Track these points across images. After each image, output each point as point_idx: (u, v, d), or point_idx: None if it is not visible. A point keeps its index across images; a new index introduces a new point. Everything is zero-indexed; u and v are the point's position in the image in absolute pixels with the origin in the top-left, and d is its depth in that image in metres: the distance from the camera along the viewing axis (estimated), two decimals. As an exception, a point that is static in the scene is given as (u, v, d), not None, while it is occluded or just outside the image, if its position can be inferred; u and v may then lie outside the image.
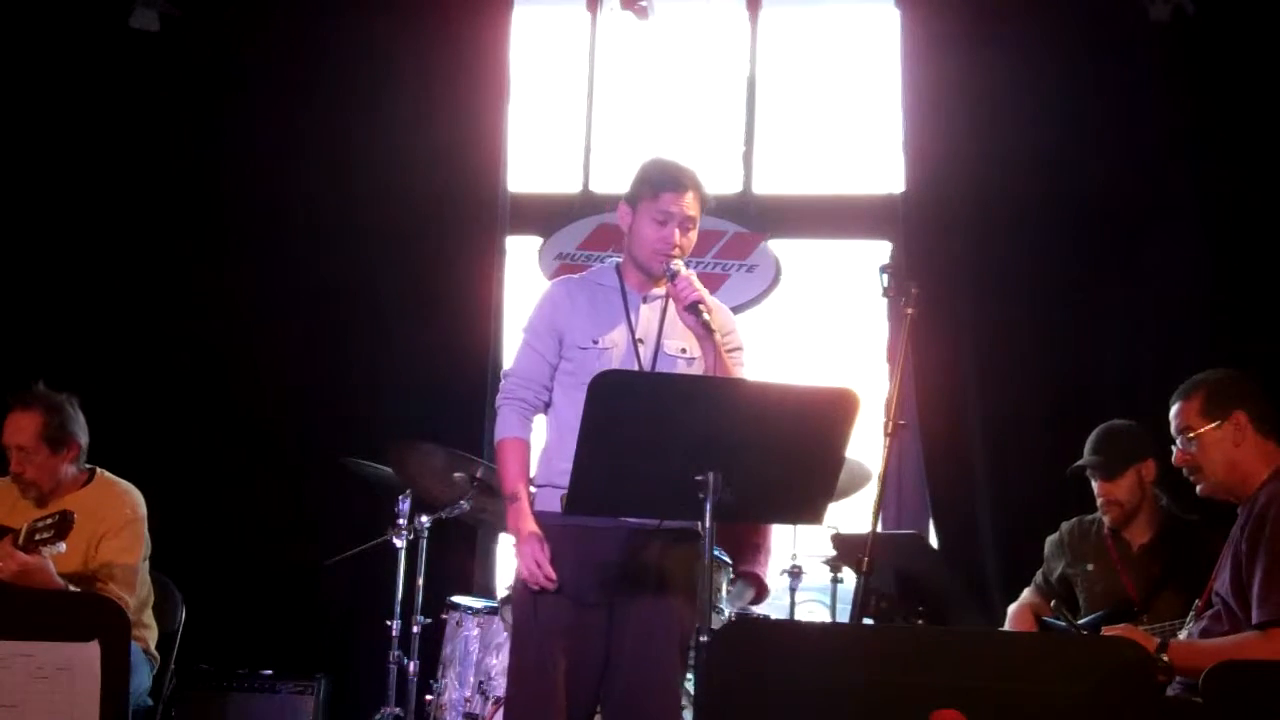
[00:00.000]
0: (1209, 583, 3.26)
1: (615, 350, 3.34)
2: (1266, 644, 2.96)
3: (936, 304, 4.79)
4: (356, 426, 5.27)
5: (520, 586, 3.31)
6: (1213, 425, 3.24)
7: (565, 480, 3.17)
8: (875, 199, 5.64)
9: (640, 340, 3.36)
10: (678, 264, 3.32)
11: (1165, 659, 3.05)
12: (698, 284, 3.29)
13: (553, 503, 3.30)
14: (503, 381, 3.47)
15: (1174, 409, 3.34)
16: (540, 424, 3.50)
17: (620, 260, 3.50)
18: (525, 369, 3.42)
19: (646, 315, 3.40)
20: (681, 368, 3.36)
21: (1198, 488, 3.32)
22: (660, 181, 3.34)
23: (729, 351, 3.36)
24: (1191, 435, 3.27)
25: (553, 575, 3.23)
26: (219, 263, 5.57)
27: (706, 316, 3.26)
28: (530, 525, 3.29)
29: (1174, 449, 3.36)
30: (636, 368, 3.31)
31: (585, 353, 3.33)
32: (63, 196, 5.59)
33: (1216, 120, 5.08)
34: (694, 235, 3.38)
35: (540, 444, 3.48)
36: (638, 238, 3.37)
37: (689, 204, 3.33)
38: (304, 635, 5.22)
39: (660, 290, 3.43)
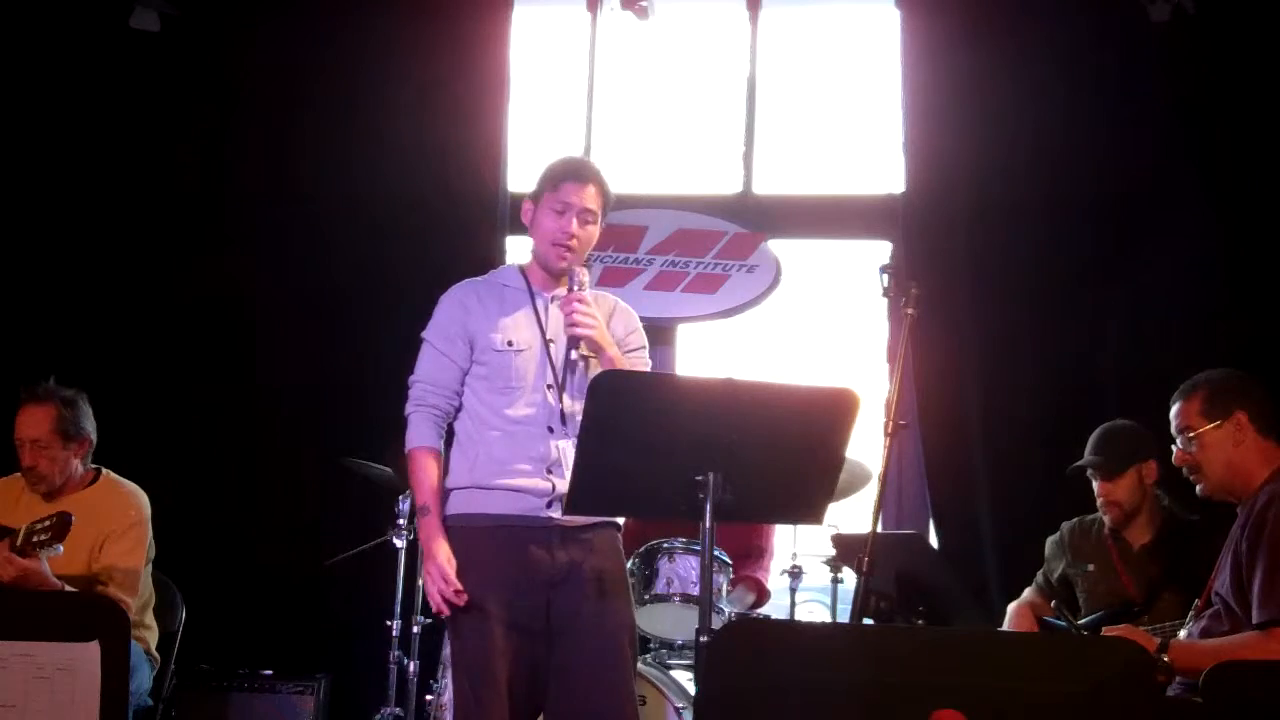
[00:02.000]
0: (1209, 582, 3.26)
1: (529, 352, 3.30)
2: (1267, 644, 2.96)
3: (936, 304, 4.78)
4: (356, 426, 5.26)
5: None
6: (1213, 425, 3.24)
7: (490, 480, 3.21)
8: (875, 199, 5.64)
9: (551, 340, 3.32)
10: (583, 274, 3.28)
11: (1166, 659, 3.05)
12: (586, 314, 3.22)
13: (472, 504, 3.24)
14: (411, 389, 3.37)
15: (1174, 409, 3.34)
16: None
17: (525, 262, 3.46)
18: (435, 375, 3.34)
19: (555, 315, 3.35)
20: (594, 366, 3.32)
21: (1198, 488, 3.32)
22: (562, 173, 3.34)
23: (629, 352, 3.36)
24: (1192, 435, 3.27)
25: (460, 588, 3.14)
26: (218, 263, 5.56)
27: (585, 352, 3.27)
28: (441, 542, 3.21)
29: (1174, 449, 3.36)
30: (549, 369, 3.29)
31: (501, 355, 3.28)
32: (64, 196, 5.59)
33: (1217, 120, 5.08)
34: (593, 231, 3.35)
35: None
36: (537, 230, 3.35)
37: (589, 196, 3.31)
38: (304, 635, 5.22)
39: (564, 290, 3.37)
